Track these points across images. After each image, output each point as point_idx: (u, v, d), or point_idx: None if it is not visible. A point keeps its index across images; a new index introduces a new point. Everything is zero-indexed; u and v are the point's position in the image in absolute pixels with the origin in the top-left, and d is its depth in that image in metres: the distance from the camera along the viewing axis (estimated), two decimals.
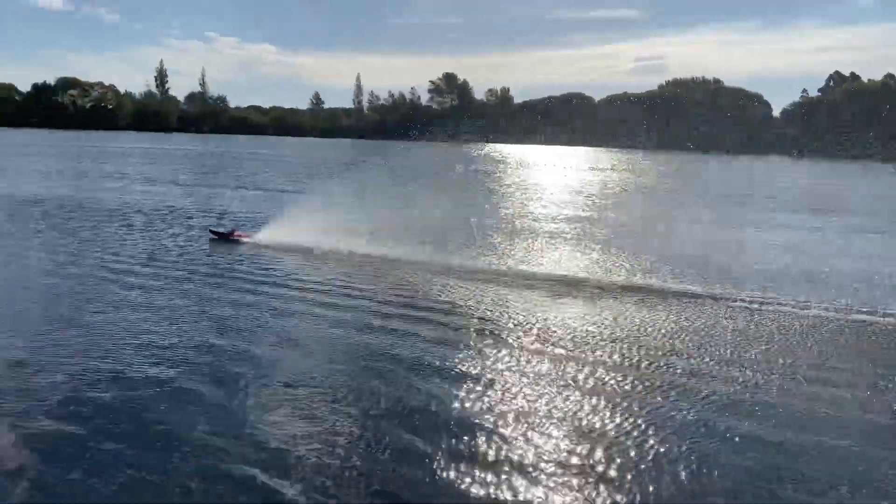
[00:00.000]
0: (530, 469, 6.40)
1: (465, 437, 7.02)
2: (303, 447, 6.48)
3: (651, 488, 6.17)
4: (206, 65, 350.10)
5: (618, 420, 7.59)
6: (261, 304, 11.74)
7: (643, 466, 6.54)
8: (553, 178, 49.04)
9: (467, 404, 7.97)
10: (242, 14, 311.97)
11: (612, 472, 6.43)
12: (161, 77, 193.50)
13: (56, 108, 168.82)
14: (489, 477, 6.21)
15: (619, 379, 8.93)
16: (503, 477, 6.23)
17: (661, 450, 6.86)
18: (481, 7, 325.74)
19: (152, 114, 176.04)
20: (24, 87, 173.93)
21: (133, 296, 11.75)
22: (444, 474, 6.21)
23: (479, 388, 8.46)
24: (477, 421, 7.47)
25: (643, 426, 7.44)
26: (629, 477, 6.36)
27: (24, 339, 9.30)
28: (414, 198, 26.27)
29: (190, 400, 7.53)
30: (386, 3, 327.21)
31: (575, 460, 6.62)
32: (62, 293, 11.92)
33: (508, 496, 5.93)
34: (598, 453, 6.80)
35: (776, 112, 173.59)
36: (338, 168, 50.26)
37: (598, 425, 7.46)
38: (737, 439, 7.24)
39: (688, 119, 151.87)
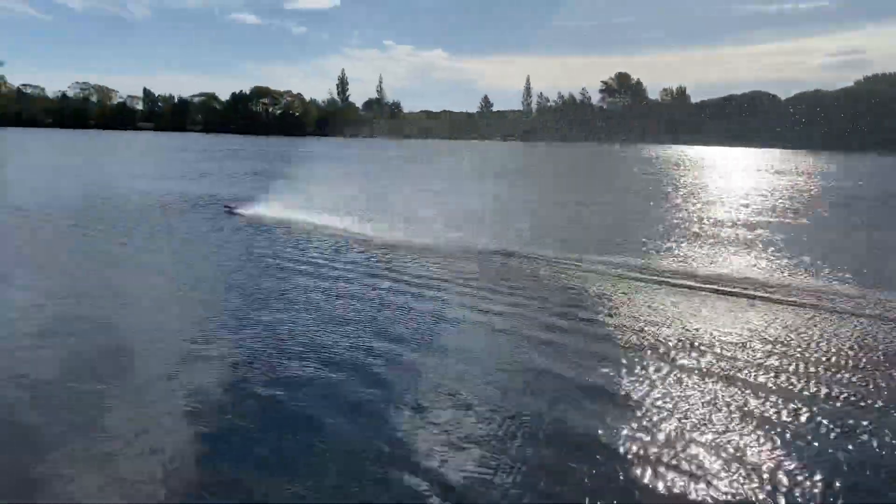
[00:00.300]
0: None
1: (619, 464, 6.56)
2: (454, 457, 6.38)
3: None
4: (382, 72, 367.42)
5: (796, 458, 6.75)
6: (425, 308, 11.80)
7: None
8: (736, 182, 45.82)
9: (625, 427, 7.39)
10: (417, 22, 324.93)
11: None
12: (342, 85, 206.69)
13: (251, 115, 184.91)
14: None
15: (806, 409, 7.91)
16: None
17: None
18: (656, 4, 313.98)
19: (334, 119, 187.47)
20: (224, 96, 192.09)
21: (311, 296, 12.29)
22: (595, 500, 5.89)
23: (640, 411, 7.80)
24: (637, 447, 6.93)
25: (826, 466, 6.58)
26: None
27: (203, 332, 10.00)
28: (585, 199, 25.66)
29: (349, 402, 7.66)
30: (557, 4, 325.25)
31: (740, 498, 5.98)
32: (250, 288, 12.74)
33: None
34: (767, 495, 6.07)
35: None
36: (506, 170, 50.50)
37: (767, 461, 6.68)
38: None
39: (893, 118, 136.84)
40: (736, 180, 47.75)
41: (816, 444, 6.98)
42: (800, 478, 6.32)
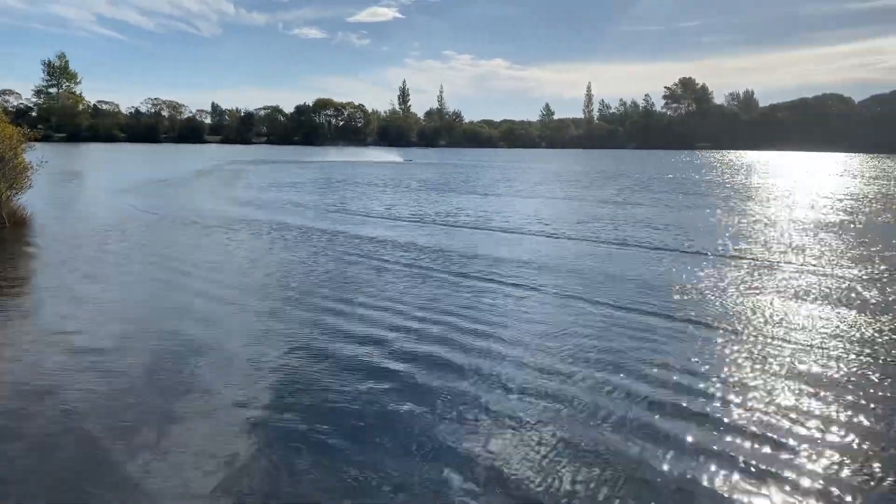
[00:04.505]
0: None
1: None
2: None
3: None
4: (443, 81, 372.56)
5: None
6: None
7: None
8: (813, 186, 45.83)
9: None
10: (477, 32, 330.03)
11: None
12: (403, 95, 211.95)
13: (314, 126, 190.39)
14: None
15: None
16: None
17: None
18: (721, 6, 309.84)
19: (395, 129, 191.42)
20: (288, 108, 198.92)
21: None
22: None
23: None
24: None
25: None
26: None
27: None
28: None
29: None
30: (618, 10, 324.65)
31: None
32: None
33: None
34: None
35: None
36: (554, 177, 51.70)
37: None
38: None
39: None
40: (813, 184, 47.79)
41: None
42: None
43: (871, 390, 7.42)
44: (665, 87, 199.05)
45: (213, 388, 7.37)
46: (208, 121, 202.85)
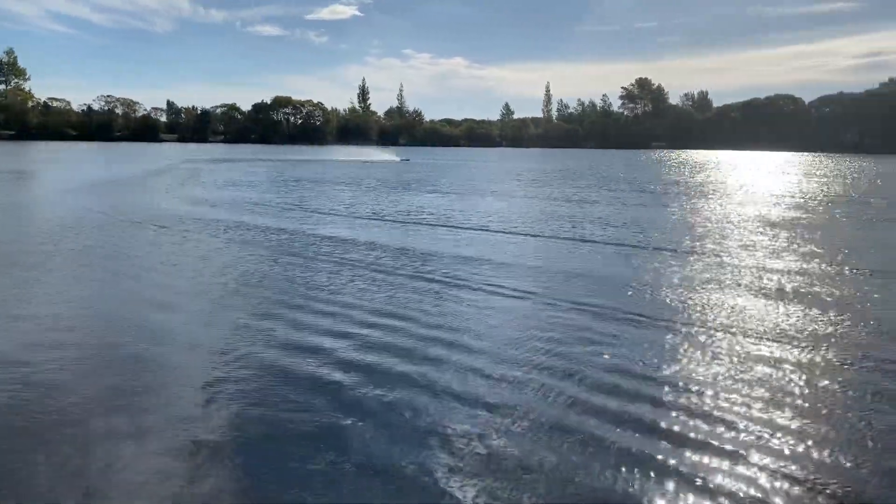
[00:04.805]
0: None
1: None
2: None
3: None
4: (403, 80, 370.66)
5: None
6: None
7: None
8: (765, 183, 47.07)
9: None
10: (436, 30, 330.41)
11: None
12: (363, 93, 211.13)
13: (272, 124, 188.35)
14: None
15: None
16: None
17: None
18: (678, 8, 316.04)
19: (354, 128, 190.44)
20: (246, 106, 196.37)
21: None
22: None
23: None
24: None
25: None
26: None
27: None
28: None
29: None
30: (577, 11, 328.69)
31: None
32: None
33: None
34: None
35: None
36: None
37: None
38: None
39: None
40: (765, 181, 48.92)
41: None
42: None
43: (822, 387, 7.60)
44: (622, 88, 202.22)
45: (149, 399, 7.14)
46: (164, 119, 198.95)
